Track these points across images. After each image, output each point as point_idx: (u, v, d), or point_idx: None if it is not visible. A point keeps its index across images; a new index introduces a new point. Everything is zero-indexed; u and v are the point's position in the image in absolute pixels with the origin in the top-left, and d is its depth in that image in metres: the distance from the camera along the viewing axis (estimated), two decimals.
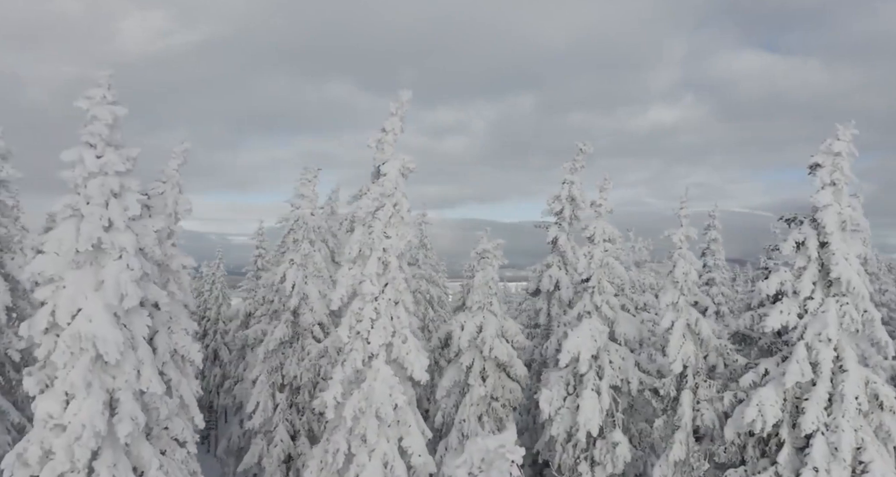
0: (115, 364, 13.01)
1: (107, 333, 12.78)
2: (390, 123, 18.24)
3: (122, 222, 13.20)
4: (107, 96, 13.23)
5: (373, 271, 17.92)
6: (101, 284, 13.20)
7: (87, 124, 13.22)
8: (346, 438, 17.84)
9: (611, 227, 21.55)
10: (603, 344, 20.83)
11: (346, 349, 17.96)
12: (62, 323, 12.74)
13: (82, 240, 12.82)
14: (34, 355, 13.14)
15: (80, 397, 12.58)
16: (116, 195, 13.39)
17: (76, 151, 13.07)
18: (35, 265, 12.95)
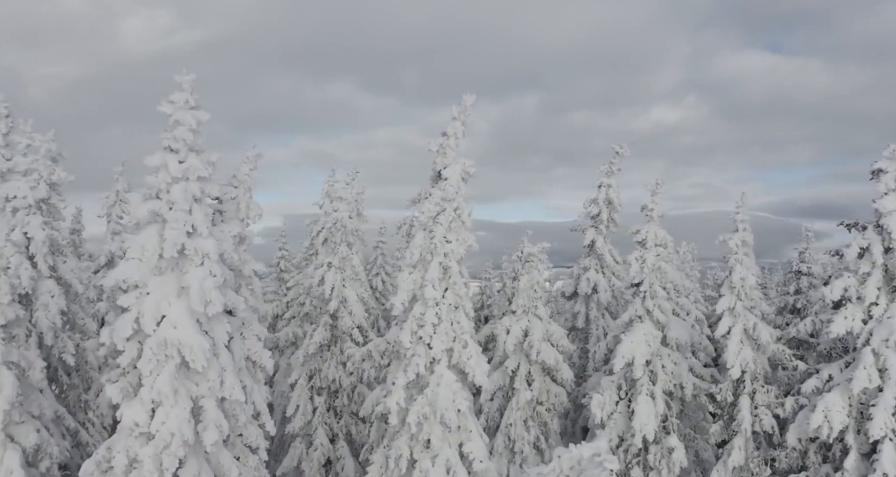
0: (200, 372, 12.88)
1: (192, 339, 12.66)
2: (452, 128, 18.15)
3: (206, 228, 13.09)
4: (189, 101, 13.11)
5: (434, 276, 17.82)
6: (183, 291, 13.08)
7: (170, 129, 13.09)
8: (408, 443, 17.75)
9: (662, 231, 21.49)
10: (656, 349, 20.77)
11: (408, 354, 17.84)
12: (148, 330, 12.61)
13: (167, 246, 12.70)
14: (117, 362, 13.00)
15: (168, 405, 12.46)
16: (198, 200, 13.27)
17: (160, 156, 12.94)
18: (119, 272, 12.82)
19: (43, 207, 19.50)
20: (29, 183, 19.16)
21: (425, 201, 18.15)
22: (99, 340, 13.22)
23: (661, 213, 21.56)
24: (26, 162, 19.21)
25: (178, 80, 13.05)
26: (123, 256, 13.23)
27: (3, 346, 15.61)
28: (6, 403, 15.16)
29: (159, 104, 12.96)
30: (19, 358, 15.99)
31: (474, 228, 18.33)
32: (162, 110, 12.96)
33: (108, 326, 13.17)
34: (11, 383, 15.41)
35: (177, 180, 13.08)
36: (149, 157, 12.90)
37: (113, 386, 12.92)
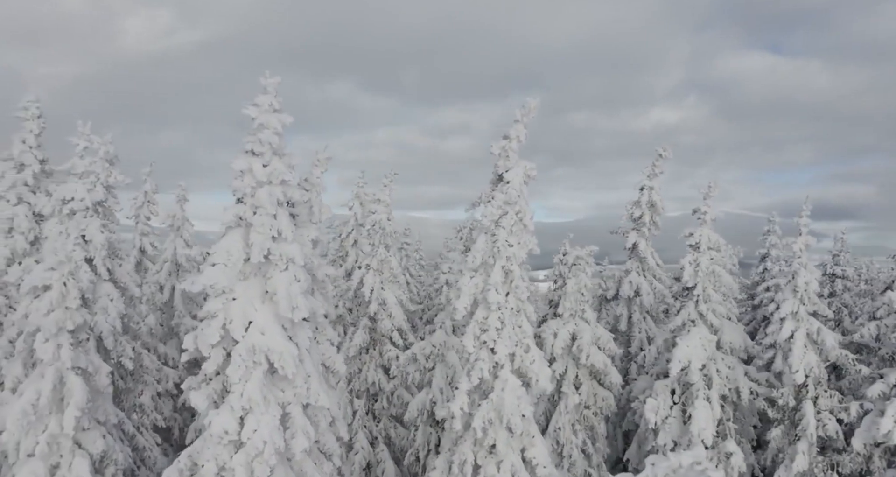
0: (288, 378, 12.76)
1: (281, 345, 12.53)
2: (515, 130, 18.05)
3: (290, 232, 12.97)
4: (273, 104, 12.98)
5: (498, 280, 17.73)
6: (267, 296, 12.96)
7: (255, 132, 12.96)
8: (472, 449, 17.64)
9: (715, 234, 21.39)
10: (711, 353, 20.67)
11: (471, 359, 17.73)
12: (237, 336, 12.48)
13: (255, 251, 12.57)
14: (203, 369, 12.87)
15: (258, 412, 12.32)
16: (281, 205, 13.15)
17: (245, 160, 12.82)
18: (206, 277, 12.68)
19: (99, 210, 19.35)
20: (86, 185, 19.04)
21: (487, 205, 18.05)
22: (182, 346, 13.06)
23: (713, 217, 21.47)
24: (84, 164, 19.08)
25: (262, 83, 12.94)
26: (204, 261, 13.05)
27: (72, 351, 15.47)
28: (77, 409, 15.03)
29: (245, 107, 12.80)
30: (87, 363, 15.85)
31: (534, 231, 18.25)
32: (247, 113, 12.82)
33: (191, 333, 13.03)
34: (81, 389, 15.27)
35: (261, 184, 12.96)
36: (235, 161, 12.77)
37: (197, 393, 12.78)
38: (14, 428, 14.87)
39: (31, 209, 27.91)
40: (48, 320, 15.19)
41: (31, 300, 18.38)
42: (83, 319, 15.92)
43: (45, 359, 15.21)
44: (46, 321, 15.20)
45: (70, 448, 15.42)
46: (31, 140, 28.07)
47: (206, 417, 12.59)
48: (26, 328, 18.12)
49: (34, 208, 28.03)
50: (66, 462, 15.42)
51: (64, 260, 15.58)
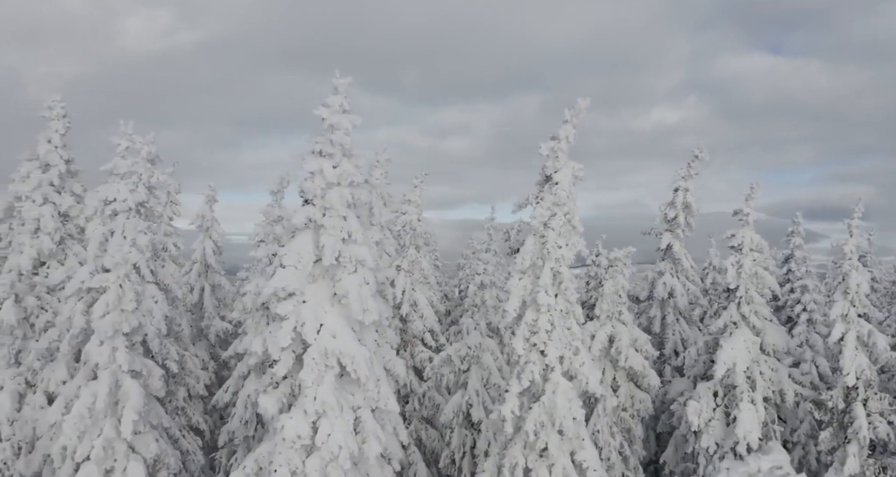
0: (361, 382, 12.61)
1: (353, 349, 12.40)
2: (564, 131, 17.92)
3: (360, 235, 12.83)
4: (344, 105, 12.83)
5: (547, 282, 17.60)
6: (336, 298, 12.81)
7: (325, 133, 12.81)
8: (522, 452, 17.51)
9: (757, 236, 21.30)
10: (755, 355, 20.59)
11: (521, 361, 17.59)
12: (309, 339, 12.33)
13: (327, 253, 12.43)
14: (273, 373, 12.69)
15: (332, 417, 12.18)
16: (350, 206, 13.00)
17: (316, 161, 12.66)
18: (278, 279, 12.52)
19: (141, 211, 19.17)
20: (128, 186, 18.86)
21: (536, 206, 17.91)
22: (251, 349, 12.89)
23: (756, 218, 21.37)
24: (126, 164, 18.89)
25: (333, 83, 12.80)
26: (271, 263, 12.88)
27: (128, 354, 15.29)
28: (134, 413, 14.87)
29: (316, 108, 12.65)
30: (141, 366, 15.67)
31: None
32: (318, 114, 12.67)
33: (259, 335, 12.87)
34: (138, 393, 15.12)
35: (331, 185, 12.82)
36: (307, 162, 12.61)
37: (267, 397, 12.63)
38: (70, 432, 14.69)
39: (57, 209, 27.70)
40: (104, 323, 15.02)
41: (75, 302, 18.23)
42: (138, 321, 15.75)
43: (101, 362, 15.04)
44: (102, 324, 15.03)
45: (125, 452, 15.26)
46: (56, 140, 27.82)
47: (278, 422, 12.41)
48: (71, 330, 17.97)
49: (60, 208, 27.83)
50: (120, 466, 15.25)
51: (120, 262, 15.40)
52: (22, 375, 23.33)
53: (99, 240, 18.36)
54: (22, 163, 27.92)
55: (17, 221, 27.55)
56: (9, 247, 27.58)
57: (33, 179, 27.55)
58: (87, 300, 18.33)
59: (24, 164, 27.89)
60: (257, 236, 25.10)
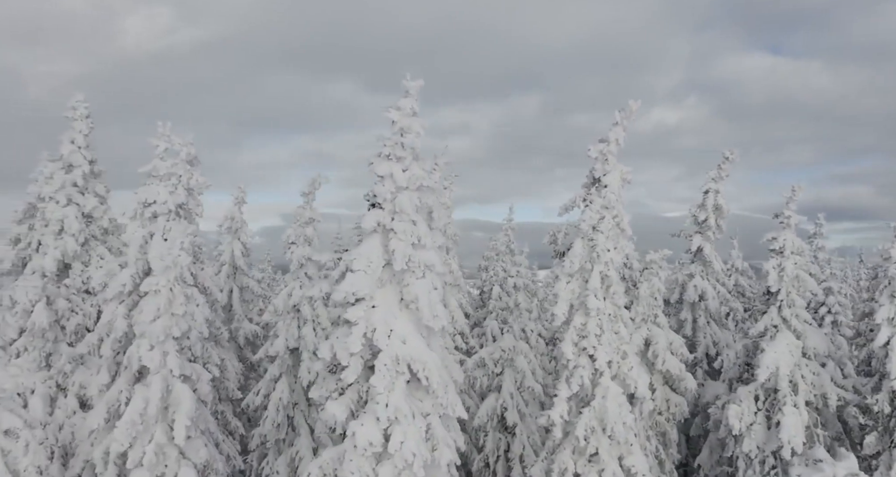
0: (429, 388, 12.41)
1: (424, 354, 12.20)
2: (613, 133, 17.75)
3: (429, 239, 12.62)
4: (414, 108, 12.63)
5: (597, 286, 17.45)
6: (403, 304, 12.61)
7: (395, 136, 12.60)
8: (571, 457, 17.36)
9: (798, 239, 21.20)
10: (797, 359, 20.49)
11: (570, 366, 17.43)
12: (381, 345, 12.12)
13: (398, 258, 12.23)
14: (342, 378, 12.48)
15: (405, 424, 11.98)
16: (420, 211, 12.81)
17: (387, 165, 12.46)
18: (348, 284, 12.31)
19: (181, 213, 18.91)
20: (167, 188, 18.60)
21: (585, 209, 17.75)
22: (318, 354, 12.67)
23: (797, 221, 21.26)
24: (165, 166, 18.62)
25: (404, 86, 12.58)
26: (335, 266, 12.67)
27: (178, 358, 15.05)
28: (187, 418, 14.64)
29: (386, 110, 12.44)
30: (190, 371, 15.43)
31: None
32: (389, 117, 12.46)
33: (327, 341, 12.65)
34: (190, 398, 14.89)
35: (401, 189, 12.61)
36: (378, 166, 12.39)
37: (335, 403, 12.42)
38: (122, 438, 14.43)
39: (81, 210, 27.40)
40: (155, 327, 14.77)
41: (116, 305, 17.97)
42: (187, 325, 15.50)
43: (152, 367, 14.78)
44: (153, 328, 14.78)
45: (176, 458, 15.02)
46: (79, 140, 27.53)
47: (349, 428, 12.19)
48: (112, 334, 17.70)
49: (83, 209, 27.53)
50: (171, 472, 15.02)
51: (170, 265, 15.14)
52: (53, 379, 23.04)
53: (139, 242, 18.08)
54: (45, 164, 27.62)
55: (39, 222, 27.25)
56: (28, 248, 27.27)
57: (57, 180, 27.24)
58: (128, 303, 18.10)
59: (48, 165, 27.57)
60: (289, 238, 24.91)
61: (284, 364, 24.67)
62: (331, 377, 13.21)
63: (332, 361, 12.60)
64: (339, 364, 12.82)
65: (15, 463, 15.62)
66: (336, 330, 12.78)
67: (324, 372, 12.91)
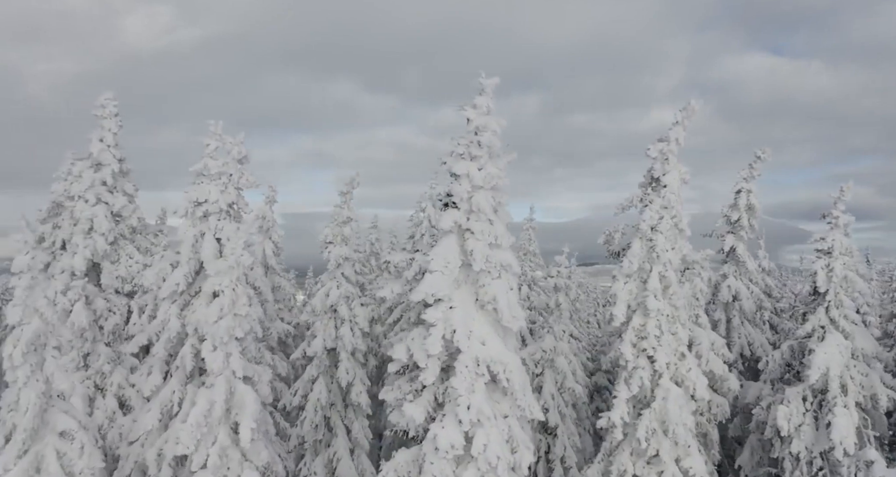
0: (506, 390, 12.24)
1: (505, 356, 12.04)
2: (674, 132, 17.63)
3: (506, 239, 12.44)
4: (490, 106, 12.45)
5: (656, 286, 17.31)
6: (478, 304, 12.44)
7: (471, 135, 12.42)
8: (630, 458, 17.21)
9: (847, 239, 21.06)
10: (846, 359, 20.35)
11: (629, 367, 17.28)
12: (462, 346, 11.94)
13: (477, 258, 12.06)
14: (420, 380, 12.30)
15: (488, 426, 11.80)
16: (496, 210, 12.63)
17: (464, 164, 12.27)
18: (427, 285, 12.13)
19: (231, 212, 18.70)
20: (218, 187, 18.40)
21: (645, 209, 17.61)
22: (392, 355, 12.49)
23: (846, 222, 21.10)
24: (216, 165, 18.41)
25: (480, 83, 12.40)
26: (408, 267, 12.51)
27: (241, 359, 14.86)
28: (252, 420, 14.43)
29: (462, 108, 12.25)
30: (252, 372, 15.25)
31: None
32: (464, 115, 12.28)
33: (402, 342, 12.48)
34: (253, 399, 14.69)
35: (477, 188, 12.43)
36: (455, 165, 12.22)
37: (412, 405, 12.24)
38: (187, 440, 14.22)
39: (110, 209, 27.20)
40: (219, 328, 14.56)
41: (169, 305, 17.77)
42: (249, 326, 15.31)
43: (215, 368, 14.57)
44: (217, 329, 14.57)
45: (238, 460, 14.82)
46: (109, 138, 27.33)
47: (430, 431, 12.01)
48: (166, 334, 17.51)
49: (112, 208, 27.32)
50: (234, 474, 14.81)
51: (234, 265, 14.93)
52: (90, 379, 22.84)
53: (191, 242, 17.89)
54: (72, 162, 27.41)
55: (67, 221, 27.03)
56: (53, 246, 27.06)
57: (86, 179, 27.01)
58: (179, 303, 17.91)
59: (76, 164, 27.37)
60: (325, 238, 24.74)
61: (322, 365, 24.50)
62: (403, 379, 13.04)
63: (408, 362, 12.40)
64: (410, 366, 12.65)
65: (70, 465, 15.36)
66: (411, 331, 12.59)
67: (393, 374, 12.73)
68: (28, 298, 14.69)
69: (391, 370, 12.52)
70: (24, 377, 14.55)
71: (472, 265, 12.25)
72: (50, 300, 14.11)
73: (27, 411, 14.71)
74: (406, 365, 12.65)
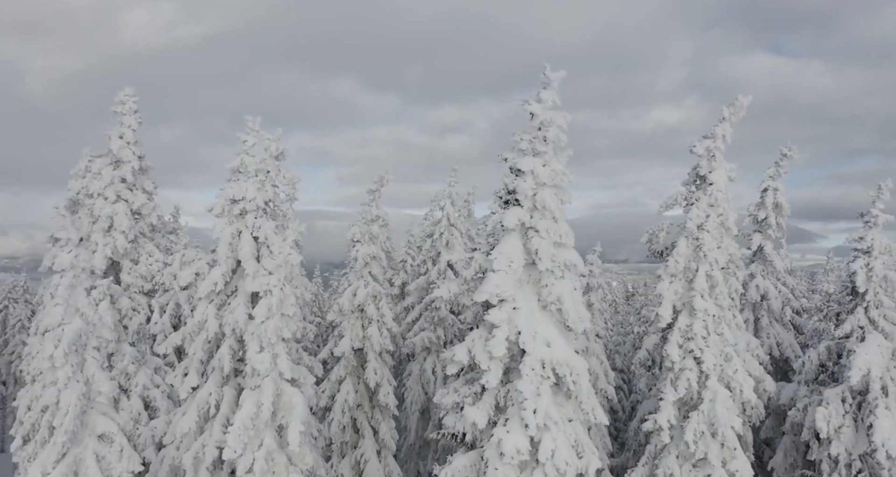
0: (570, 393, 11.92)
1: (571, 359, 11.70)
2: (721, 129, 17.32)
3: (570, 238, 12.12)
4: (556, 100, 12.12)
5: (703, 286, 17.01)
6: (540, 304, 12.11)
7: (537, 130, 12.08)
8: (676, 462, 16.91)
9: (885, 238, 20.80)
10: (887, 360, 20.10)
11: (675, 368, 16.97)
12: (528, 348, 11.60)
13: (543, 257, 11.73)
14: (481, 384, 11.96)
15: (555, 430, 11.47)
16: (559, 208, 12.29)
17: (529, 160, 11.94)
18: (491, 285, 11.78)
19: (268, 210, 18.32)
20: (255, 184, 18.03)
21: (692, 208, 17.30)
22: (452, 357, 12.15)
23: (885, 220, 20.84)
24: (254, 162, 18.03)
25: (546, 77, 12.05)
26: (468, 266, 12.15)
27: (289, 361, 14.50)
28: (301, 423, 14.10)
29: (527, 103, 11.91)
30: (298, 374, 14.90)
31: None
32: (529, 110, 11.94)
33: (462, 345, 12.13)
34: (301, 402, 14.35)
35: (541, 185, 12.09)
36: (517, 160, 11.89)
37: (474, 408, 11.90)
38: (235, 444, 13.85)
39: (130, 207, 26.82)
40: (266, 328, 14.20)
41: (206, 305, 17.39)
42: (296, 326, 14.95)
43: (262, 370, 14.21)
44: (264, 329, 14.21)
45: (284, 464, 14.48)
46: (128, 135, 27.03)
47: (495, 435, 11.68)
48: (204, 334, 17.13)
49: (132, 206, 26.93)
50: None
51: (281, 264, 14.57)
52: (115, 380, 22.43)
53: (228, 240, 17.52)
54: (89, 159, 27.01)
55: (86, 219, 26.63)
56: None
57: (105, 176, 26.69)
58: (216, 303, 17.53)
59: (95, 161, 26.97)
60: (353, 236, 24.38)
61: (349, 365, 24.17)
62: (460, 381, 12.70)
63: (468, 365, 12.06)
64: (467, 368, 12.32)
65: (109, 469, 15.01)
66: (473, 332, 12.24)
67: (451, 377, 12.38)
68: (70, 298, 14.34)
69: (449, 372, 12.14)
70: (66, 378, 14.20)
71: (536, 265, 11.91)
72: (94, 300, 13.71)
73: (68, 413, 14.36)
74: (464, 367, 12.29)
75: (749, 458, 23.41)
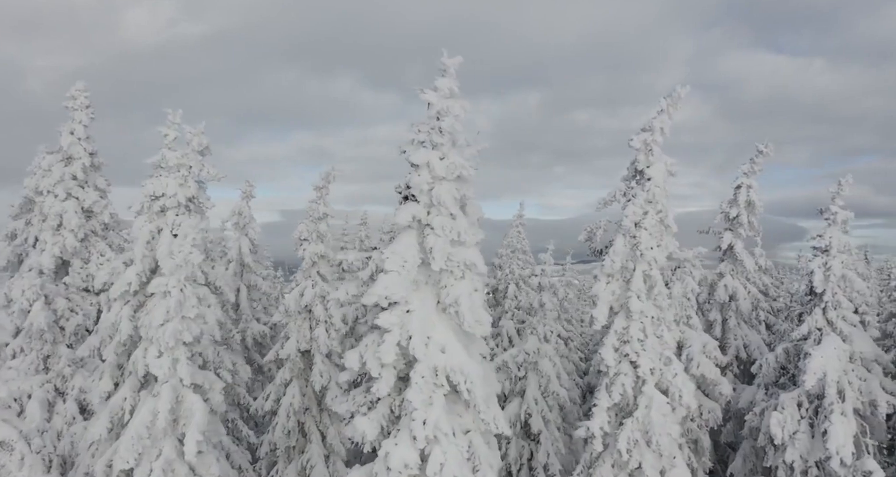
0: (468, 402, 11.14)
1: (467, 365, 10.92)
2: (659, 122, 16.47)
3: (470, 236, 11.33)
4: (454, 88, 11.33)
5: (640, 287, 16.20)
6: (440, 307, 11.33)
7: (433, 120, 11.30)
8: (611, 471, 16.13)
9: (845, 236, 19.93)
10: (844, 364, 19.24)
11: (611, 373, 16.18)
12: (419, 354, 10.83)
13: (437, 256, 10.94)
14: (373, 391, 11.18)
15: (445, 443, 10.70)
16: (459, 204, 11.51)
17: (424, 153, 11.16)
18: (380, 287, 11.00)
19: (191, 207, 17.59)
20: (177, 180, 17.29)
21: (628, 204, 16.49)
22: (343, 364, 11.39)
23: (844, 218, 19.98)
24: (175, 156, 17.29)
25: (443, 63, 11.26)
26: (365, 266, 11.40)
27: (189, 366, 13.75)
28: (198, 432, 13.37)
29: (422, 91, 11.12)
30: (202, 379, 14.15)
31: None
32: (425, 99, 11.15)
33: (354, 350, 11.37)
34: (201, 410, 13.61)
35: (438, 180, 11.31)
36: (410, 153, 11.11)
37: (365, 419, 11.14)
38: (127, 454, 13.14)
39: (80, 205, 26.09)
40: (164, 332, 13.48)
41: (121, 306, 16.66)
42: (199, 329, 14.20)
43: (160, 376, 13.48)
44: (162, 333, 13.47)
45: (185, 475, 13.73)
46: (79, 131, 26.25)
47: (382, 448, 10.92)
48: (116, 337, 16.41)
49: (83, 204, 26.20)
50: None
51: (181, 264, 13.83)
52: (51, 383, 21.74)
53: (146, 238, 16.78)
54: (43, 156, 26.29)
55: (36, 217, 25.94)
56: (25, 243, 26.00)
57: (55, 173, 25.92)
58: (133, 304, 16.79)
59: (46, 158, 26.25)
60: (300, 235, 23.62)
61: (296, 367, 23.42)
62: (357, 390, 11.94)
63: (360, 372, 11.30)
64: (366, 375, 11.54)
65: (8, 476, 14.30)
66: (365, 337, 11.47)
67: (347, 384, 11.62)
68: None
69: (342, 379, 11.39)
70: None
71: (431, 265, 11.13)
72: (27, 300, 12.99)
73: None
74: (360, 375, 11.52)
75: (706, 464, 22.65)
